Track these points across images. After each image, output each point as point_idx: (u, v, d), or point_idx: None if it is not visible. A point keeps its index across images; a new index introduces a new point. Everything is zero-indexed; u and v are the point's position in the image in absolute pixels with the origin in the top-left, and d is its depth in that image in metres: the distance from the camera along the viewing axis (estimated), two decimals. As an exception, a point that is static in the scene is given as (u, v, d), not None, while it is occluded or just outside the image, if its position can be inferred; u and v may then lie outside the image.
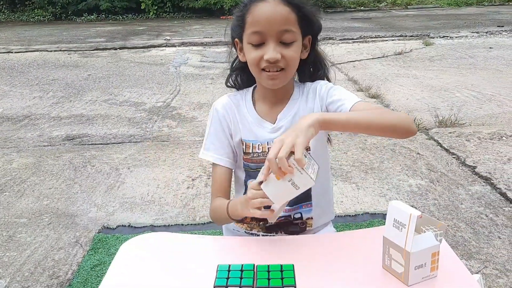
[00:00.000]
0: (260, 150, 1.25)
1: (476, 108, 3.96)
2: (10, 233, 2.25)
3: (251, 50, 1.16)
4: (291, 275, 0.98)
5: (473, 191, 2.51)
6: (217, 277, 0.97)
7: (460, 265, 1.05)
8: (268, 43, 1.14)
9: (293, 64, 1.18)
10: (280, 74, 1.16)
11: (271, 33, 1.13)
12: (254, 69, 1.19)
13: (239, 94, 1.30)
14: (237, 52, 1.25)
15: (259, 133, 1.25)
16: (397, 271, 0.97)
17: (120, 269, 1.07)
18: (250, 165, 1.28)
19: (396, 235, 0.96)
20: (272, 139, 1.23)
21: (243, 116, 1.27)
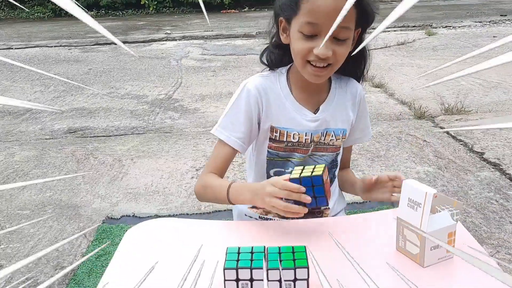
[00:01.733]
0: (296, 140, 1.18)
1: (482, 95, 3.91)
2: (13, 225, 2.22)
3: (300, 39, 1.06)
4: (304, 256, 0.93)
5: (482, 177, 2.47)
6: (227, 259, 0.92)
7: (477, 247, 1.02)
8: (321, 37, 1.04)
9: (341, 61, 1.10)
10: (327, 70, 1.08)
11: (327, 27, 1.02)
12: (299, 60, 1.09)
13: (272, 76, 1.20)
14: (278, 30, 1.14)
15: (298, 120, 1.17)
16: (412, 253, 0.93)
17: (126, 254, 1.04)
18: (279, 154, 1.20)
19: (410, 215, 0.92)
20: (311, 130, 1.18)
21: (278, 101, 1.17)
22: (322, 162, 1.23)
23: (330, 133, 1.20)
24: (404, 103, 3.81)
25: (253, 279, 0.86)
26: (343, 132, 1.22)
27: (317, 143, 1.20)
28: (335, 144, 1.22)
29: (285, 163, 1.22)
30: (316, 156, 1.22)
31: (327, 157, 1.23)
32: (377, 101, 3.87)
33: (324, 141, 1.21)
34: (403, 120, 3.42)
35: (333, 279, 0.90)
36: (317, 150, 1.21)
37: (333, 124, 1.20)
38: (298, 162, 1.22)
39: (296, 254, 0.94)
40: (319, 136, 1.19)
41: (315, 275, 0.85)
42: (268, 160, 1.23)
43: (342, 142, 1.24)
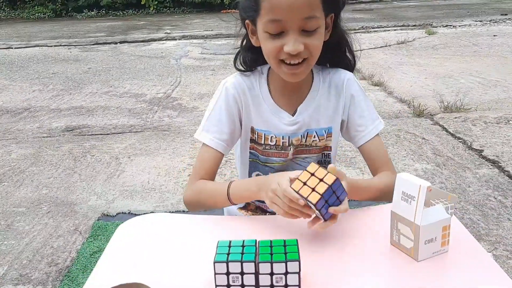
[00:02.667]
0: (273, 143, 1.14)
1: (482, 93, 3.90)
2: (8, 222, 2.21)
3: (268, 40, 1.01)
4: (295, 250, 0.91)
5: (480, 174, 2.46)
6: (217, 253, 0.90)
7: (472, 241, 1.00)
8: (288, 33, 0.98)
9: (317, 53, 1.03)
10: (302, 66, 1.02)
11: (292, 22, 0.97)
12: (272, 61, 1.04)
13: (253, 75, 1.14)
14: (248, 34, 1.09)
15: (275, 124, 1.12)
16: (406, 247, 0.91)
17: (118, 248, 1.02)
18: (260, 158, 1.17)
19: (404, 209, 0.90)
20: (288, 133, 1.12)
21: (257, 102, 1.12)
22: (306, 164, 1.15)
23: (311, 134, 1.14)
24: (403, 101, 3.79)
25: (243, 272, 0.84)
26: (328, 131, 1.15)
27: (298, 146, 1.15)
28: (318, 145, 1.15)
29: (265, 168, 1.18)
30: (299, 159, 1.17)
31: (311, 159, 1.17)
32: (376, 99, 3.85)
33: (306, 143, 1.15)
34: (402, 118, 3.41)
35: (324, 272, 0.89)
36: (299, 152, 1.16)
37: (314, 124, 1.13)
38: (278, 166, 1.17)
39: (288, 247, 0.92)
40: (299, 139, 1.14)
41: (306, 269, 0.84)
42: (250, 162, 1.19)
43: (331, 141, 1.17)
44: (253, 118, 1.13)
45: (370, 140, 1.14)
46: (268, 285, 0.85)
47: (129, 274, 0.91)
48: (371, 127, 1.14)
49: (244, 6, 1.05)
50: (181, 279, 0.89)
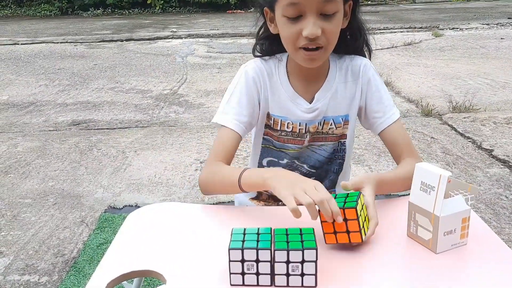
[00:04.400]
0: (290, 129, 1.13)
1: (490, 94, 3.87)
2: (14, 212, 2.19)
3: (286, 24, 1.00)
4: (312, 238, 0.89)
5: (491, 173, 2.43)
6: (232, 240, 0.87)
7: (491, 234, 0.98)
8: (306, 16, 0.97)
9: (334, 39, 1.03)
10: (319, 53, 1.01)
11: (310, 5, 0.96)
12: (290, 47, 1.04)
13: (272, 61, 1.14)
14: (266, 22, 1.10)
15: (292, 110, 1.12)
16: (424, 238, 0.89)
17: (129, 236, 1.00)
18: (274, 143, 1.16)
19: (423, 199, 0.87)
20: (305, 120, 1.12)
21: (275, 88, 1.12)
22: (321, 152, 1.17)
23: (328, 121, 1.14)
24: (411, 101, 3.77)
25: (259, 260, 0.82)
26: (345, 118, 1.15)
27: (314, 133, 1.14)
28: (335, 133, 1.15)
29: (280, 154, 1.17)
30: (314, 146, 1.16)
31: (326, 147, 1.17)
32: (384, 99, 3.82)
33: (322, 130, 1.14)
34: (410, 118, 3.38)
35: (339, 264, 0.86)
36: (315, 140, 1.15)
37: (331, 111, 1.13)
38: (293, 153, 1.16)
39: (304, 235, 0.90)
40: (315, 127, 1.13)
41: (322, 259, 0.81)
42: (263, 148, 1.18)
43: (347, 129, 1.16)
44: (270, 103, 1.13)
45: (390, 125, 1.11)
46: (283, 274, 0.82)
47: (140, 262, 0.89)
48: (390, 112, 1.12)
49: None
50: (194, 267, 0.87)
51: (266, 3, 1.06)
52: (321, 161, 1.18)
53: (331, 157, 1.18)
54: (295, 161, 1.17)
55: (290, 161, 1.17)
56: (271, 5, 1.03)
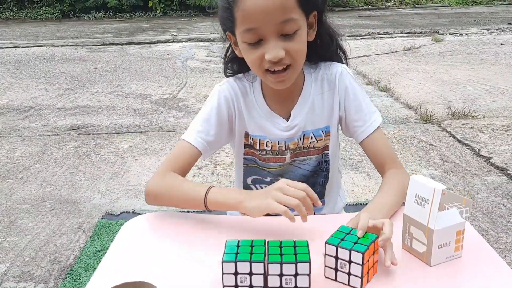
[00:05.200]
0: (269, 148, 1.11)
1: (489, 101, 3.87)
2: (11, 218, 2.19)
3: (248, 50, 0.98)
4: (306, 251, 0.88)
5: (489, 181, 2.43)
6: (226, 252, 0.87)
7: (486, 246, 0.97)
8: (267, 40, 0.94)
9: (301, 57, 0.99)
10: (288, 73, 0.98)
11: (268, 28, 0.93)
12: (257, 71, 1.01)
13: (246, 79, 1.11)
14: (231, 46, 1.07)
15: (270, 129, 1.10)
16: (419, 251, 0.89)
17: (123, 246, 1.00)
18: (257, 161, 1.14)
19: (418, 212, 0.87)
20: (284, 138, 1.10)
21: (251, 107, 1.10)
22: (305, 167, 1.15)
23: (308, 136, 1.11)
24: (410, 107, 3.77)
25: (252, 273, 0.82)
26: (326, 130, 1.12)
27: (295, 150, 1.12)
28: (316, 146, 1.12)
29: (262, 171, 1.15)
30: (297, 161, 1.14)
31: (310, 161, 1.14)
32: (383, 105, 3.83)
33: (303, 145, 1.12)
34: (409, 124, 3.38)
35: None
36: (297, 155, 1.13)
37: (310, 125, 1.10)
38: (276, 171, 1.15)
39: (298, 248, 0.89)
40: (295, 143, 1.11)
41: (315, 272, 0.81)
42: (245, 168, 1.16)
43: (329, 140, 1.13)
44: (246, 123, 1.11)
45: (371, 134, 1.08)
46: (277, 287, 0.82)
47: (134, 272, 0.89)
48: (369, 121, 1.09)
49: (222, 18, 1.02)
50: (187, 278, 0.87)
51: (227, 28, 1.02)
52: (305, 175, 1.15)
53: (316, 170, 1.15)
54: (279, 178, 1.12)
55: (274, 179, 1.15)
56: (232, 30, 1.01)
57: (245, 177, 1.17)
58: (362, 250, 0.79)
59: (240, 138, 1.13)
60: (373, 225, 0.86)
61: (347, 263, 0.79)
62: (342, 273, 0.81)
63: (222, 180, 2.55)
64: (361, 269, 0.79)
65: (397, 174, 1.06)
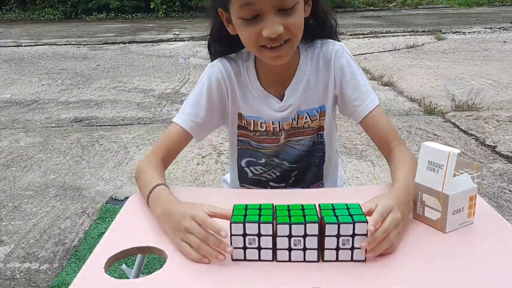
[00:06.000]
0: (263, 129, 1.09)
1: (493, 94, 3.86)
2: (15, 203, 2.18)
3: (243, 26, 0.93)
4: (314, 213, 0.87)
5: (494, 168, 2.41)
6: (234, 214, 0.86)
7: (494, 213, 0.96)
8: (264, 15, 0.91)
9: (299, 31, 0.96)
10: (285, 47, 0.94)
11: (266, 3, 0.89)
12: (252, 48, 0.97)
13: (239, 58, 1.08)
14: (224, 23, 1.01)
15: (264, 110, 1.07)
16: (432, 219, 0.87)
17: (130, 215, 1.00)
18: (250, 143, 1.12)
19: (431, 179, 0.85)
20: (278, 119, 1.07)
21: (244, 88, 1.07)
22: (300, 147, 1.13)
23: (303, 116, 1.08)
24: (413, 100, 3.76)
25: (261, 234, 0.81)
26: (320, 110, 1.08)
27: (290, 130, 1.09)
28: (311, 126, 1.10)
29: (256, 153, 1.13)
30: (292, 141, 1.11)
31: (304, 141, 1.12)
32: (386, 98, 3.82)
33: (297, 125, 1.09)
34: (413, 116, 3.37)
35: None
36: (292, 135, 1.10)
37: (304, 105, 1.07)
38: (270, 152, 1.12)
39: (306, 210, 0.88)
40: (289, 123, 1.08)
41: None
42: (239, 150, 1.14)
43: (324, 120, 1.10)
44: (240, 104, 1.08)
45: (371, 112, 1.04)
46: (285, 248, 0.81)
47: (141, 238, 0.88)
48: (368, 99, 1.05)
49: None
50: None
51: (219, 4, 0.98)
52: (300, 155, 1.13)
53: (311, 150, 1.13)
54: (274, 159, 1.13)
55: (268, 160, 1.14)
56: (225, 6, 0.96)
57: (239, 160, 1.16)
58: (365, 219, 0.76)
59: (233, 120, 1.10)
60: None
61: (350, 237, 0.77)
62: (344, 250, 0.78)
63: (226, 168, 2.54)
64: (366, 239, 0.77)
65: (406, 152, 1.02)
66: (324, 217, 0.79)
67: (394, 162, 1.00)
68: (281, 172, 1.15)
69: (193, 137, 1.07)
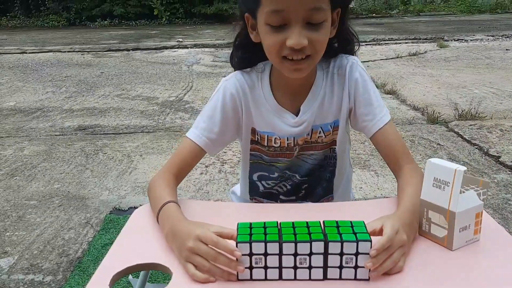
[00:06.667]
0: (277, 145, 1.08)
1: (496, 103, 3.86)
2: (19, 213, 2.19)
3: (269, 33, 0.93)
4: (319, 230, 0.87)
5: (498, 179, 2.41)
6: (239, 234, 0.84)
7: (500, 229, 0.96)
8: (292, 25, 0.90)
9: (322, 49, 0.95)
10: (306, 62, 0.94)
11: (296, 13, 0.89)
12: (274, 57, 0.96)
13: (254, 73, 1.07)
14: (247, 29, 1.01)
15: (278, 125, 1.06)
16: (438, 236, 0.87)
17: (135, 230, 0.99)
18: (263, 158, 1.12)
19: (437, 196, 0.85)
20: (293, 134, 1.06)
21: (259, 103, 1.06)
22: (311, 161, 1.13)
23: (317, 130, 1.08)
24: (416, 109, 3.76)
25: (267, 253, 0.80)
26: (334, 124, 1.08)
27: (303, 144, 1.09)
28: (324, 141, 1.10)
29: (269, 168, 1.13)
30: (305, 155, 1.11)
31: (317, 156, 1.11)
32: (389, 107, 3.82)
33: (311, 139, 1.09)
34: (416, 125, 3.37)
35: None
36: (305, 150, 1.10)
37: (319, 120, 1.07)
38: (283, 166, 1.12)
39: (311, 228, 0.88)
40: (304, 139, 1.08)
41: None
42: (251, 164, 1.14)
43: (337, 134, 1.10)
44: (254, 119, 1.07)
45: (382, 127, 1.03)
46: (291, 267, 0.81)
47: (146, 255, 0.88)
48: (380, 114, 1.04)
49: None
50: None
51: (248, 9, 0.98)
52: (312, 169, 1.13)
53: (322, 164, 1.13)
54: (287, 171, 1.13)
55: (281, 173, 1.14)
56: (253, 11, 0.96)
57: (250, 174, 1.16)
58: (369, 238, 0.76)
59: (247, 134, 1.10)
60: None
61: (354, 256, 0.76)
62: (348, 268, 0.77)
63: (230, 177, 2.55)
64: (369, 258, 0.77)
65: (415, 170, 1.01)
66: (328, 235, 0.79)
67: (402, 179, 1.00)
68: (292, 186, 1.15)
69: (206, 152, 1.07)
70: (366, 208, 1.10)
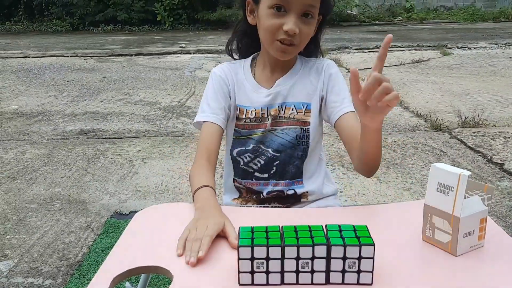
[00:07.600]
0: (253, 116, 1.20)
1: (500, 110, 3.84)
2: (20, 217, 2.18)
3: (270, 16, 1.09)
4: (322, 234, 0.85)
5: (502, 187, 2.39)
6: (241, 238, 0.83)
7: (505, 235, 0.95)
8: (290, 14, 1.07)
9: (305, 42, 1.13)
10: (292, 48, 1.11)
11: (297, 4, 1.07)
12: (268, 36, 1.11)
13: (238, 63, 1.25)
14: (246, 12, 1.17)
15: (254, 98, 1.20)
16: (442, 241, 0.85)
17: (136, 233, 0.99)
18: (241, 132, 1.21)
19: (441, 201, 0.84)
20: (266, 104, 1.18)
21: (240, 82, 1.22)
22: (284, 136, 1.21)
23: (289, 107, 1.19)
24: (419, 116, 3.75)
25: (269, 257, 0.79)
26: (307, 106, 1.19)
27: (276, 117, 1.19)
28: (296, 118, 1.19)
29: (246, 141, 1.22)
30: (277, 130, 1.20)
31: (289, 131, 1.20)
32: (392, 114, 3.81)
33: (284, 114, 1.19)
34: (419, 132, 3.36)
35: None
36: (277, 124, 1.19)
37: (292, 97, 1.19)
38: (258, 137, 1.20)
39: (313, 232, 0.87)
40: (276, 110, 1.19)
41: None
42: (233, 140, 1.23)
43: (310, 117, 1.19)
44: (237, 97, 1.21)
45: (347, 113, 1.14)
46: (293, 271, 0.80)
47: (147, 258, 0.87)
48: (346, 103, 1.15)
49: None
50: (201, 264, 0.84)
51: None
52: (284, 145, 1.21)
53: (294, 143, 1.20)
54: (261, 145, 1.21)
55: (255, 146, 1.21)
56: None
57: (232, 150, 1.23)
58: (372, 242, 0.75)
59: (233, 111, 1.21)
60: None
61: (357, 260, 0.75)
62: (351, 272, 0.76)
63: (232, 183, 2.53)
64: (372, 262, 0.75)
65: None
66: (331, 239, 0.78)
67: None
68: (265, 161, 1.21)
69: (222, 128, 1.18)
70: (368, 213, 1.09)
